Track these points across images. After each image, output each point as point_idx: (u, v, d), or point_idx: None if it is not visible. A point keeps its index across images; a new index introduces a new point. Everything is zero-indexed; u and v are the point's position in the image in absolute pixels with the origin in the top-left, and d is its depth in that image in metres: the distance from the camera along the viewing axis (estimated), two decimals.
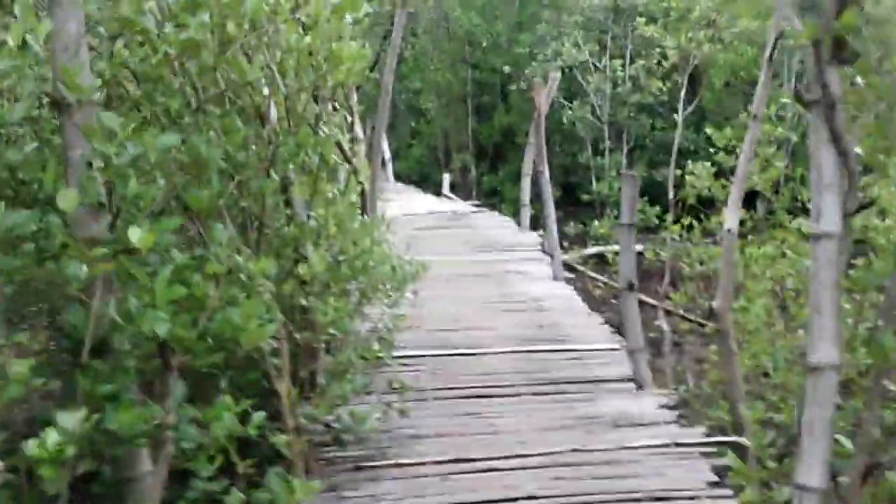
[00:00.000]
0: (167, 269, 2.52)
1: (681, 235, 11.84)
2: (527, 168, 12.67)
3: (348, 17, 3.78)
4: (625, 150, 17.70)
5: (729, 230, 6.06)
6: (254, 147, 3.81)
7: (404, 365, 5.90)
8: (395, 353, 5.48)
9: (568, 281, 9.28)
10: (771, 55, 6.11)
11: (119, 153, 2.54)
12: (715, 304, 5.86)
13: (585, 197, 17.94)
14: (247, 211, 4.06)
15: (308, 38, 3.26)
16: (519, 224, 13.06)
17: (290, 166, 4.04)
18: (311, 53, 3.59)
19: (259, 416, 3.19)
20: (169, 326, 2.58)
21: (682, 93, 14.24)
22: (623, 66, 16.99)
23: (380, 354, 4.93)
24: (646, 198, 17.28)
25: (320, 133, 4.20)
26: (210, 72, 2.92)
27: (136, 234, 2.38)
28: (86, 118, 2.68)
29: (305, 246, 4.28)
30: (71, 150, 2.69)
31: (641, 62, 16.71)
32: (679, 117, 14.30)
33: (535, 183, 13.65)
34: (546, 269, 9.52)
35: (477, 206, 16.54)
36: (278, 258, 4.27)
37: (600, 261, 13.29)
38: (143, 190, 2.53)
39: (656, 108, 17.59)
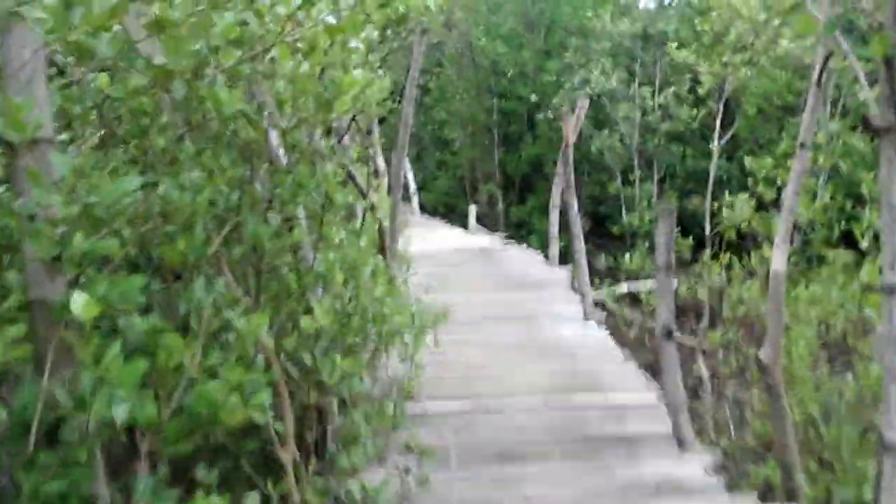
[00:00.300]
0: (118, 343, 2.08)
1: (720, 274, 11.27)
2: (555, 200, 12.21)
3: (357, 43, 3.38)
4: (655, 179, 17.22)
5: (777, 271, 5.55)
6: (256, 186, 3.41)
7: (424, 423, 5.41)
8: (414, 411, 5.01)
9: (599, 321, 8.77)
10: (819, 78, 5.64)
11: (71, 201, 2.14)
12: (762, 354, 5.33)
13: (615, 229, 17.47)
14: (245, 259, 3.65)
15: (306, 65, 2.84)
16: (547, 258, 12.58)
17: (293, 207, 3.63)
18: (319, 77, 3.19)
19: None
20: (131, 407, 2.15)
21: (718, 120, 13.72)
22: (653, 93, 16.55)
23: (395, 415, 4.46)
24: (678, 229, 16.74)
25: (328, 169, 3.78)
26: (185, 103, 2.51)
27: (78, 301, 1.95)
28: (38, 160, 2.28)
29: (311, 295, 3.86)
30: (20, 197, 2.30)
31: (672, 89, 16.27)
32: (714, 145, 13.78)
33: (564, 214, 13.19)
34: (577, 309, 9.03)
35: (506, 239, 16.08)
36: (281, 309, 3.85)
37: (633, 298, 12.74)
38: (95, 244, 2.10)
39: (687, 137, 17.12)
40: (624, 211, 17.18)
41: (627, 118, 16.65)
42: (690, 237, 16.30)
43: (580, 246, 9.20)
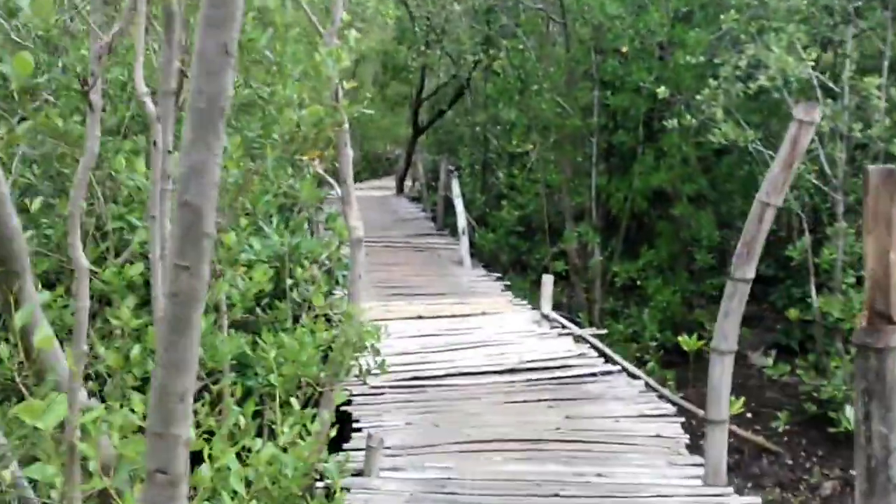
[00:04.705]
0: None
1: None
2: (728, 343, 5.74)
3: None
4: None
5: None
6: None
7: None
8: None
9: None
10: None
11: None
12: None
13: (792, 312, 11.02)
14: None
15: None
16: (691, 431, 6.17)
17: None
18: None
19: None
20: None
21: None
22: (879, 87, 9.82)
23: None
24: None
25: None
26: None
27: None
28: None
29: None
30: None
31: None
32: None
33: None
34: None
35: (598, 337, 9.80)
36: None
37: None
38: None
39: None
40: (814, 289, 10.61)
41: (831, 130, 10.06)
42: None
43: None
